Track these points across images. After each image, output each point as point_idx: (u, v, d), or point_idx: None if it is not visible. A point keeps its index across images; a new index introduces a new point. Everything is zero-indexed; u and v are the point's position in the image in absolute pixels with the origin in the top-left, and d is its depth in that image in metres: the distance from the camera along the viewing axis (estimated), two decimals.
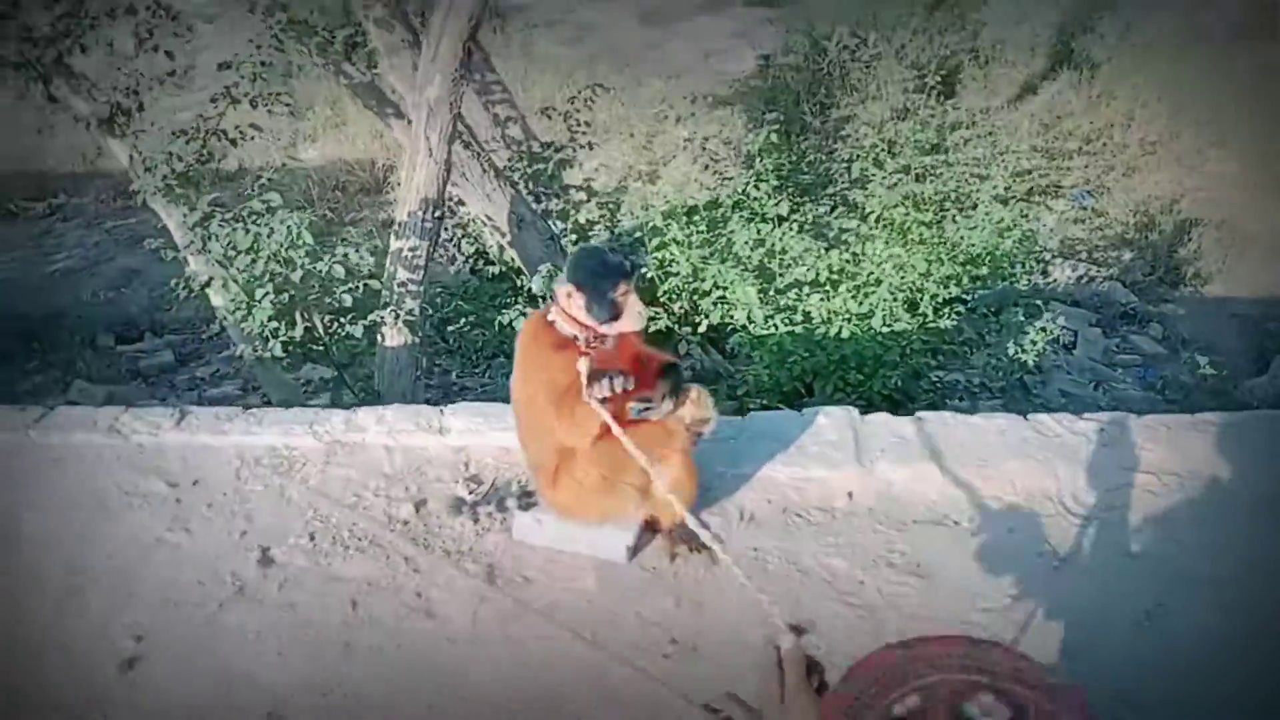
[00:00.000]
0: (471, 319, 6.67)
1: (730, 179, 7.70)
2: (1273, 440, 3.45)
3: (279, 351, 5.03)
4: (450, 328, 6.83)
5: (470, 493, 3.54)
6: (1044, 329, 5.24)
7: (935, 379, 5.53)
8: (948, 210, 6.34)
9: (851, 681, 0.91)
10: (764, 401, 5.25)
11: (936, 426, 3.60)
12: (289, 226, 4.95)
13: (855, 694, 0.89)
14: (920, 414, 3.68)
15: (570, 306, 2.81)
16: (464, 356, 6.93)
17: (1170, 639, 2.81)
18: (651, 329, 6.08)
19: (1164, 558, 3.07)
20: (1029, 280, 7.34)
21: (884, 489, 3.41)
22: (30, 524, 3.57)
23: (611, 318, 2.78)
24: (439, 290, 6.92)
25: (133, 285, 8.66)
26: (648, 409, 2.97)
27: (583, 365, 2.79)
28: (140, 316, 8.12)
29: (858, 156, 7.41)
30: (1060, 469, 3.39)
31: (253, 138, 5.78)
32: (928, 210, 6.18)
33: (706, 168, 9.06)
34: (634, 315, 2.80)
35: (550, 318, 2.88)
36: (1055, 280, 7.95)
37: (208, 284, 5.24)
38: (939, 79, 10.40)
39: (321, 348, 5.38)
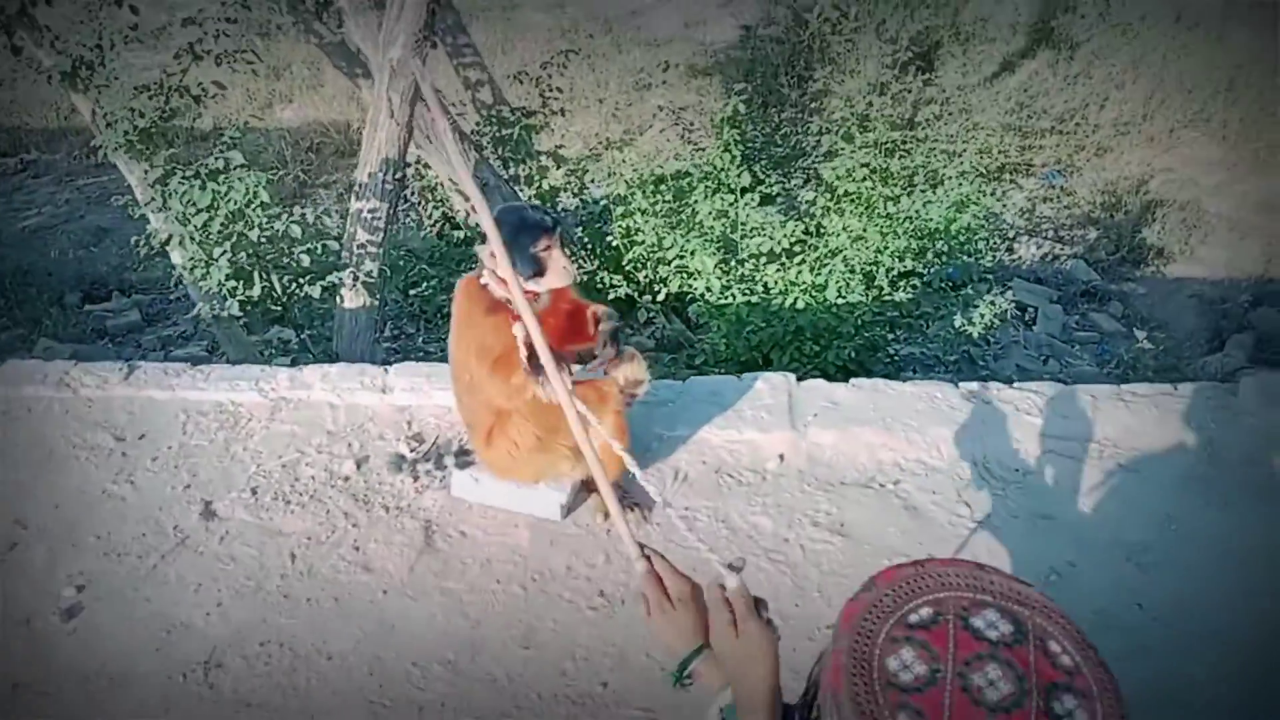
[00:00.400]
0: (435, 283, 6.68)
1: (703, 149, 7.73)
2: (1196, 412, 3.52)
3: (236, 310, 5.05)
4: (414, 292, 6.85)
5: (411, 451, 3.59)
6: (992, 303, 5.30)
7: (892, 352, 5.59)
8: (915, 185, 6.39)
9: (872, 590, 0.98)
10: (721, 371, 5.30)
11: (870, 393, 3.67)
12: (247, 185, 4.96)
13: (876, 600, 0.95)
14: (855, 380, 3.74)
15: (497, 266, 2.83)
16: (428, 321, 6.95)
17: (1077, 595, 2.89)
18: (612, 297, 6.17)
19: (1078, 520, 3.16)
20: (993, 257, 7.42)
21: (815, 452, 3.48)
22: None
23: (535, 274, 2.80)
24: (404, 254, 6.93)
25: (102, 244, 8.64)
26: (592, 361, 2.98)
27: (519, 330, 2.82)
28: (109, 275, 8.10)
29: (829, 130, 7.44)
30: (985, 435, 3.46)
31: (215, 96, 5.76)
32: (895, 185, 6.23)
33: (681, 137, 9.09)
34: (559, 271, 2.83)
35: (483, 280, 2.91)
36: (1020, 257, 8.02)
37: (167, 241, 5.25)
38: (918, 55, 10.42)
39: (280, 308, 5.39)
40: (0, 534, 3.36)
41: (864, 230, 5.74)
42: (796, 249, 5.93)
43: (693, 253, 5.86)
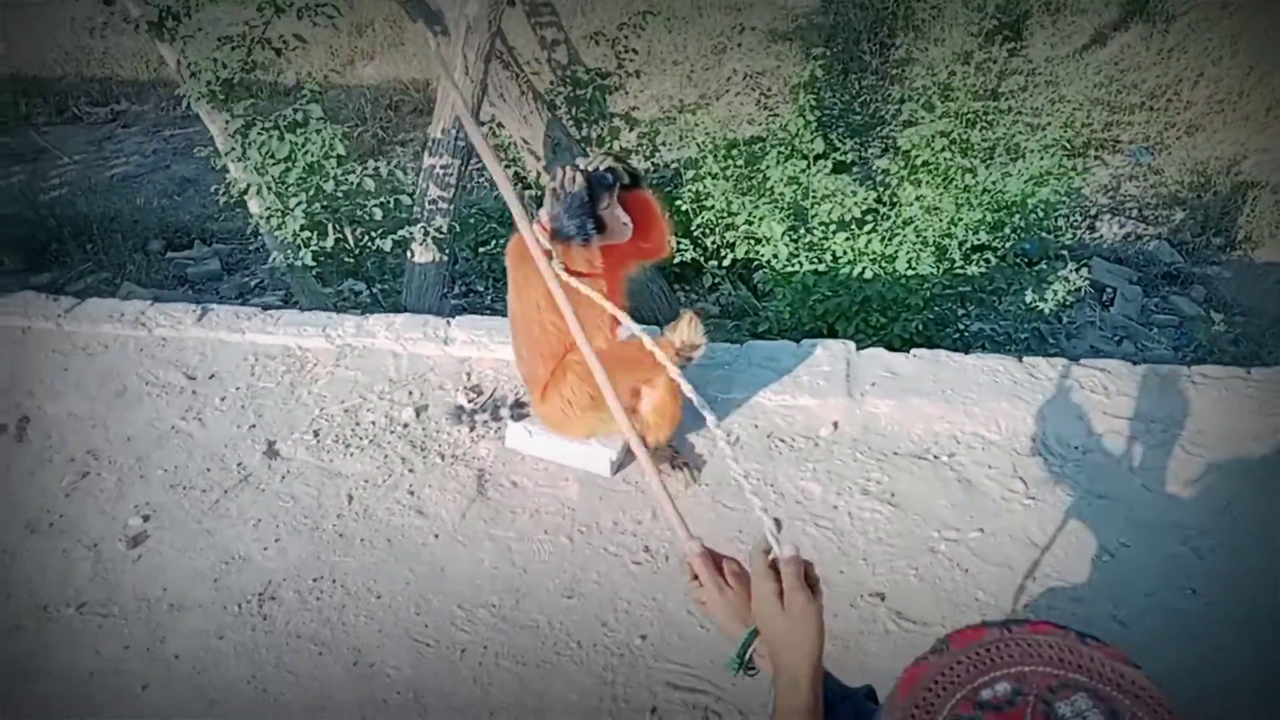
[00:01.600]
0: (504, 243, 6.70)
1: (779, 115, 7.65)
2: (1268, 397, 3.39)
3: (310, 260, 5.15)
4: (483, 249, 6.90)
5: (469, 401, 3.65)
6: (1067, 279, 5.16)
7: (961, 327, 5.48)
8: (995, 158, 6.23)
9: (943, 653, 0.83)
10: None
11: (930, 364, 3.60)
12: (324, 138, 5.05)
13: (945, 667, 0.80)
14: (916, 351, 3.68)
15: (547, 224, 2.82)
16: (497, 280, 7.01)
17: (1129, 576, 2.83)
18: (678, 260, 6.17)
19: (1135, 501, 3.08)
20: (1073, 234, 7.22)
21: (870, 421, 3.44)
22: (55, 407, 3.77)
23: (598, 230, 2.81)
24: (475, 211, 6.99)
25: (186, 193, 8.86)
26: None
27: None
28: (191, 224, 8.31)
29: (910, 98, 7.29)
30: (1046, 411, 3.39)
31: (296, 49, 5.85)
32: (974, 156, 6.09)
33: (757, 103, 8.98)
34: (619, 227, 2.84)
35: None
36: (1101, 236, 7.78)
37: (246, 190, 5.36)
38: (1006, 24, 10.13)
39: (353, 261, 5.49)
40: (73, 463, 3.51)
41: (939, 201, 5.63)
42: (868, 218, 5.85)
43: (762, 219, 5.81)
